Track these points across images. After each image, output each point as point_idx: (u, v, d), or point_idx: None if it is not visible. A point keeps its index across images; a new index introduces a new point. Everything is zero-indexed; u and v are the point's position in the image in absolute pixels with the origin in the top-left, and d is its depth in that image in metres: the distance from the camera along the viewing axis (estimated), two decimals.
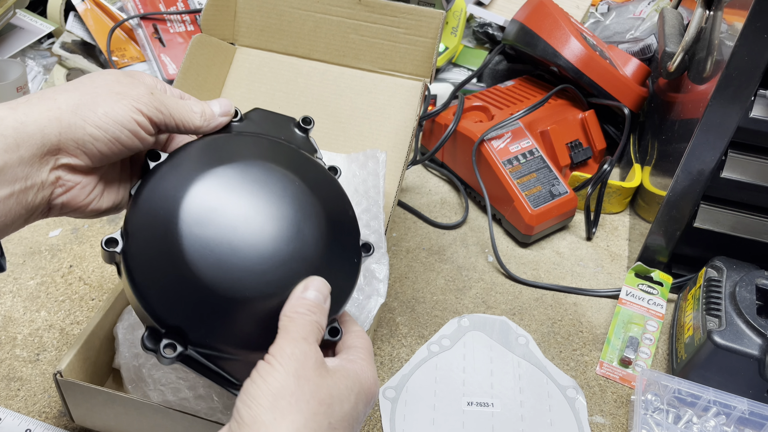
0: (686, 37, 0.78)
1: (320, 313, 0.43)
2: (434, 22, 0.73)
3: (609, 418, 0.69)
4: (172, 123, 0.47)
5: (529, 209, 0.87)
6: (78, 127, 0.43)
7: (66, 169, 0.44)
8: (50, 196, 0.45)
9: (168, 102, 0.47)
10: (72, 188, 0.46)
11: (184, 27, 1.10)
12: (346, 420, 0.40)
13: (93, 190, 0.47)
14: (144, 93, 0.45)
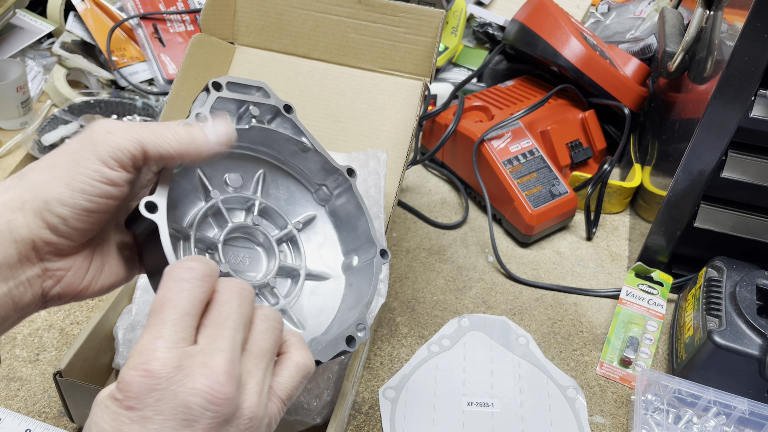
0: (686, 37, 0.78)
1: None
2: (434, 21, 0.73)
3: (609, 418, 0.69)
4: (150, 156, 0.40)
5: (529, 209, 0.86)
6: (42, 210, 0.38)
7: (49, 258, 0.40)
8: (41, 291, 0.40)
9: (136, 132, 0.39)
10: (63, 277, 0.41)
11: (184, 27, 1.10)
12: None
13: (89, 270, 0.43)
14: (102, 136, 0.38)
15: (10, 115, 1.00)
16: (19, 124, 1.01)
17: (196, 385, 0.32)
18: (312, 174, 0.55)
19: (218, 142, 0.42)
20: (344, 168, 0.54)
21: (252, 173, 0.54)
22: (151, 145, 0.39)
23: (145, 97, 1.02)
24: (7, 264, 0.38)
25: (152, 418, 0.31)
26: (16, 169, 0.93)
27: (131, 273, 0.46)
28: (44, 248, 0.39)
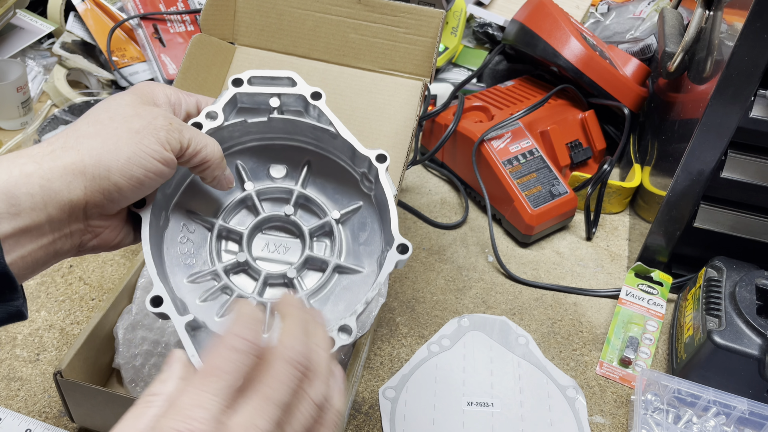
0: (686, 37, 0.78)
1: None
2: (434, 21, 0.73)
3: (609, 418, 0.69)
4: (189, 153, 0.46)
5: (529, 209, 0.87)
6: (102, 178, 0.42)
7: (94, 217, 0.45)
8: (80, 242, 0.45)
9: (187, 131, 0.46)
10: (101, 233, 0.46)
11: (184, 27, 1.10)
12: None
13: (123, 228, 0.48)
14: (163, 124, 0.44)
15: (10, 115, 1.00)
16: (20, 124, 1.01)
17: None
18: (351, 161, 0.54)
19: (228, 175, 0.50)
20: (374, 154, 0.52)
21: (298, 163, 0.55)
22: (195, 144, 0.46)
23: None
24: (58, 219, 0.42)
25: None
26: None
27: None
28: (93, 210, 0.44)
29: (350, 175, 0.54)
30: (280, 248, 0.54)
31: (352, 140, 0.51)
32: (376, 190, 0.52)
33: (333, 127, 0.51)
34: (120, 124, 0.43)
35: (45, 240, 0.42)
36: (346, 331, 0.44)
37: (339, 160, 0.54)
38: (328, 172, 0.55)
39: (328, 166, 0.55)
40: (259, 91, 0.51)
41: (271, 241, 0.54)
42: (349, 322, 0.44)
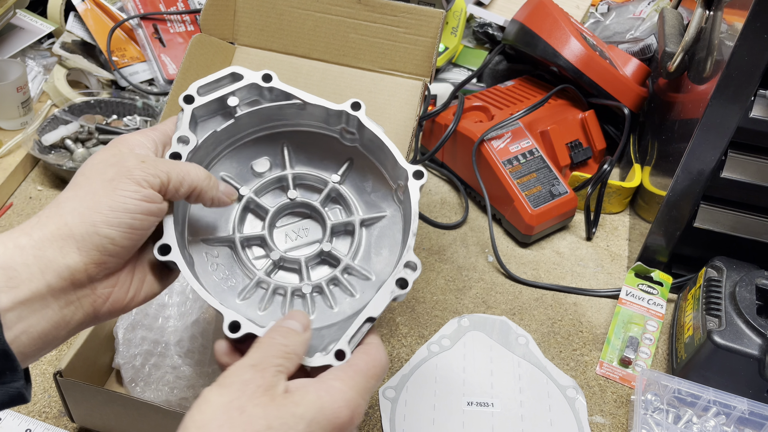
0: (686, 37, 0.78)
1: (293, 339, 0.42)
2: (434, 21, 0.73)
3: (609, 418, 0.69)
4: (173, 186, 0.45)
5: (529, 209, 0.87)
6: (91, 234, 0.41)
7: (99, 278, 0.43)
8: (92, 309, 0.43)
9: (163, 165, 0.44)
10: (111, 294, 0.44)
11: (184, 27, 1.10)
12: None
13: (132, 283, 0.46)
14: (135, 164, 0.43)
15: (10, 115, 1.00)
16: (20, 124, 1.01)
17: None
18: (327, 123, 0.54)
19: (225, 191, 0.49)
20: (348, 104, 0.51)
21: (276, 149, 0.55)
22: (176, 176, 0.45)
23: (146, 98, 1.02)
24: (60, 287, 0.40)
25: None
26: (17, 169, 0.93)
27: (165, 283, 0.49)
28: (95, 270, 0.42)
29: (330, 138, 0.55)
30: (301, 232, 0.54)
31: (321, 102, 0.52)
32: (363, 139, 0.53)
33: (298, 99, 0.52)
34: (94, 179, 0.43)
35: (50, 311, 0.40)
36: (339, 356, 0.44)
37: (314, 128, 0.54)
38: (307, 145, 0.55)
39: (307, 140, 0.55)
40: (212, 97, 0.50)
41: (290, 230, 0.55)
42: (342, 347, 0.44)
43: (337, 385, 0.40)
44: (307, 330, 0.43)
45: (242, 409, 0.36)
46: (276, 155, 0.55)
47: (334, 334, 0.46)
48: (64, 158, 0.93)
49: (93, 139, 0.95)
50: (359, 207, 0.54)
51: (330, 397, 0.39)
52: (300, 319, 0.44)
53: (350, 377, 0.41)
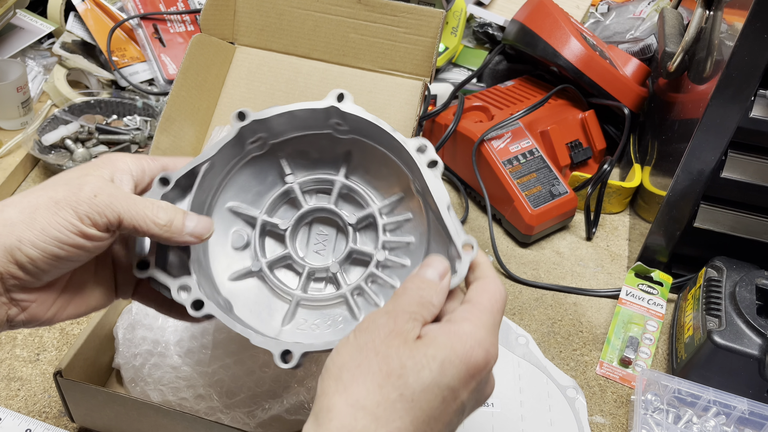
0: (686, 37, 0.78)
1: (429, 289, 0.41)
2: (434, 21, 0.73)
3: (609, 418, 0.69)
4: (125, 227, 0.42)
5: (529, 209, 0.87)
6: (13, 248, 0.39)
7: (15, 290, 0.41)
8: (6, 316, 0.42)
9: (118, 204, 0.42)
10: (29, 307, 0.42)
11: (184, 27, 1.10)
12: (430, 391, 0.37)
13: (54, 303, 0.44)
14: (87, 197, 0.41)
15: (10, 115, 1.00)
16: (20, 124, 1.01)
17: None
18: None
19: (192, 233, 0.45)
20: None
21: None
22: (128, 219, 0.42)
23: (146, 97, 1.02)
24: None
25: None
26: (17, 169, 0.93)
27: (107, 300, 0.48)
28: (9, 281, 0.41)
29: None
30: (323, 241, 0.53)
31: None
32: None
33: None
34: (44, 192, 0.41)
35: None
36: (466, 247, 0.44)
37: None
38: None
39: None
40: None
41: (314, 235, 0.54)
42: (469, 241, 0.44)
43: (466, 326, 0.40)
44: (445, 277, 0.43)
45: (377, 351, 0.38)
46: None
47: None
48: (64, 158, 0.93)
49: (93, 139, 0.95)
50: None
51: (459, 337, 0.39)
52: (437, 267, 0.43)
53: (477, 317, 0.41)
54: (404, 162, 0.50)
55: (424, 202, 0.50)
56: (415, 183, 0.51)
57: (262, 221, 0.52)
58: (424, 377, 0.37)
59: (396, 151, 0.50)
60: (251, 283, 0.52)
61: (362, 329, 0.39)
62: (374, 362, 0.37)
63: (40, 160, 0.94)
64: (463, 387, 0.38)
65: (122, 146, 0.95)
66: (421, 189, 0.49)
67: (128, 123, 1.00)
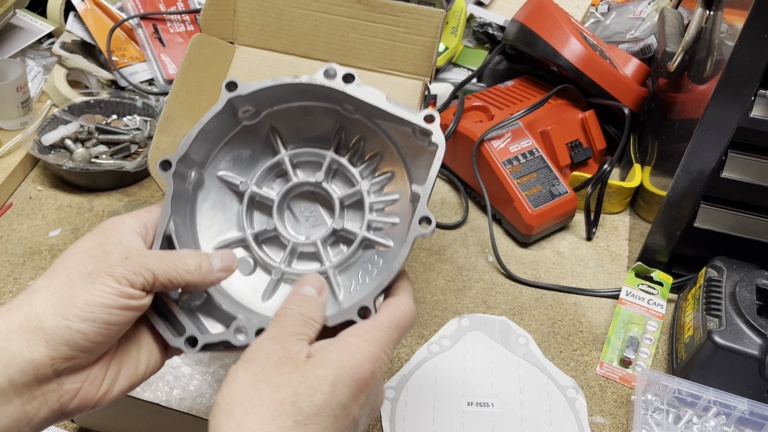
0: (686, 37, 0.78)
1: (309, 306, 0.43)
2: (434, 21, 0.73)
3: (609, 418, 0.69)
4: (159, 283, 0.43)
5: (529, 209, 0.86)
6: (62, 328, 0.39)
7: (66, 373, 0.40)
8: (58, 406, 0.40)
9: (149, 262, 0.42)
10: (79, 390, 0.41)
11: (184, 27, 1.10)
12: (323, 413, 0.38)
13: (105, 377, 0.43)
14: (118, 260, 0.41)
15: (10, 115, 1.00)
16: (19, 124, 1.01)
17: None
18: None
19: (222, 269, 0.46)
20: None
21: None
22: (162, 273, 0.42)
23: (145, 97, 1.02)
24: (22, 382, 0.38)
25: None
26: (17, 169, 0.93)
27: (158, 363, 0.47)
28: (62, 365, 0.40)
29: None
30: (311, 215, 0.53)
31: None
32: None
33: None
34: (72, 269, 0.41)
35: (11, 407, 0.38)
36: (363, 314, 0.44)
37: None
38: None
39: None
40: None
41: (300, 215, 0.53)
42: (367, 303, 0.44)
43: (356, 342, 0.40)
44: (323, 293, 0.44)
45: (268, 381, 0.38)
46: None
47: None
48: (63, 158, 0.93)
49: (93, 139, 0.95)
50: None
51: (350, 354, 0.40)
52: (313, 283, 0.44)
53: (369, 332, 0.41)
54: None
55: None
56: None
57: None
58: (316, 400, 0.37)
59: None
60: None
61: (249, 360, 0.39)
62: (266, 393, 0.37)
63: (40, 160, 0.94)
64: (354, 402, 0.39)
65: (122, 146, 0.95)
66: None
67: (128, 123, 1.00)
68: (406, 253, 0.45)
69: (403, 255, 0.45)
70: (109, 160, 0.93)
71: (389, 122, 0.51)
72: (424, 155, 0.50)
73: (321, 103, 0.52)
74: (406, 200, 0.51)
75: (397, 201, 0.52)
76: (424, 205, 0.46)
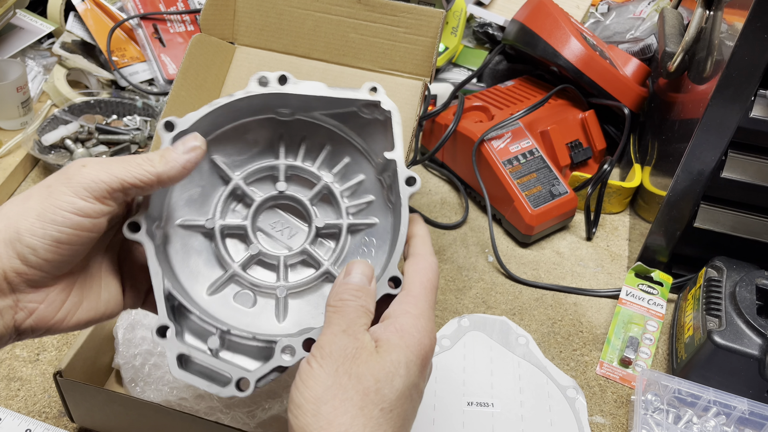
0: (686, 37, 0.78)
1: (365, 296, 0.42)
2: (434, 21, 0.73)
3: (609, 418, 0.69)
4: (124, 185, 0.41)
5: (529, 209, 0.86)
6: (14, 241, 0.38)
7: (22, 288, 0.40)
8: (13, 323, 0.40)
9: (110, 165, 0.40)
10: (35, 309, 0.41)
11: (184, 27, 1.10)
12: (403, 395, 0.39)
13: (64, 303, 0.42)
14: (76, 170, 0.40)
15: (10, 115, 1.00)
16: (19, 124, 1.01)
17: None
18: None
19: (186, 149, 0.44)
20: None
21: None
22: (127, 175, 0.40)
23: (146, 97, 1.02)
24: None
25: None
26: (17, 169, 0.93)
27: (116, 307, 0.46)
28: (15, 279, 0.39)
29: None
30: (285, 229, 0.52)
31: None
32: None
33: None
34: (36, 185, 0.40)
35: None
36: (395, 283, 0.45)
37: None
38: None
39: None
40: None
41: (275, 224, 0.52)
42: (395, 273, 0.45)
43: (409, 321, 0.41)
44: (373, 280, 0.44)
45: (349, 374, 0.38)
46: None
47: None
48: (64, 158, 0.93)
49: (93, 139, 0.95)
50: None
51: (409, 334, 0.40)
52: (366, 273, 0.44)
53: (414, 306, 0.42)
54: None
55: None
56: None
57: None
58: (397, 384, 0.39)
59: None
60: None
61: (325, 356, 0.39)
62: (349, 386, 0.37)
63: (40, 160, 0.94)
64: (422, 378, 0.41)
65: (122, 146, 0.95)
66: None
67: (128, 123, 1.00)
68: (406, 213, 0.46)
69: (405, 216, 0.46)
70: None
71: (333, 109, 0.51)
72: (376, 127, 0.50)
73: (256, 116, 0.51)
74: (372, 177, 0.52)
75: (363, 181, 0.52)
76: (404, 167, 0.47)
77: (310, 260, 0.51)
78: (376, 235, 0.51)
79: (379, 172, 0.51)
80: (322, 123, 0.52)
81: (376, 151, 0.51)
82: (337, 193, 0.52)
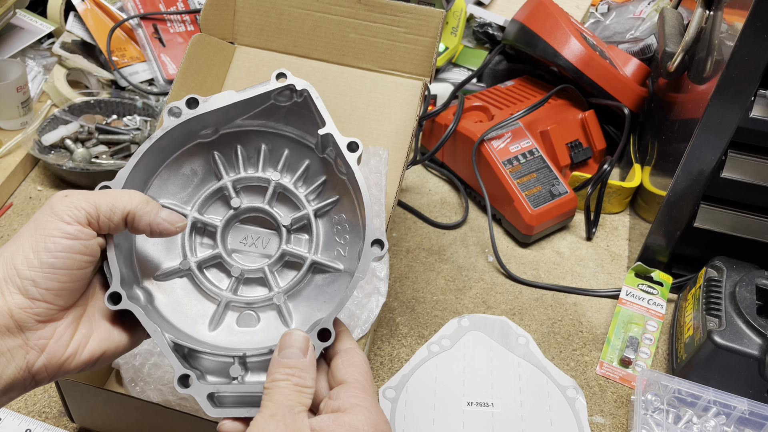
0: (686, 37, 0.78)
1: (299, 371, 0.41)
2: (434, 21, 0.73)
3: (609, 418, 0.69)
4: (103, 215, 0.42)
5: (529, 209, 0.86)
6: (13, 277, 0.39)
7: (30, 324, 0.40)
8: (25, 364, 0.40)
9: (90, 195, 0.42)
10: (45, 345, 0.41)
11: (184, 27, 1.10)
12: None
13: (73, 337, 0.42)
14: (58, 200, 0.42)
15: (10, 115, 1.00)
16: (20, 124, 1.01)
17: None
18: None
19: (167, 218, 0.45)
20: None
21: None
22: (104, 204, 0.42)
23: (145, 97, 1.02)
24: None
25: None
26: (17, 169, 0.93)
27: (132, 340, 0.46)
28: (22, 315, 0.40)
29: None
30: (256, 241, 0.52)
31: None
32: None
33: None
34: (25, 226, 0.42)
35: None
36: (322, 337, 0.44)
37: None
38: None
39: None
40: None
41: (245, 240, 0.52)
42: (327, 326, 0.44)
43: (361, 414, 0.40)
44: (307, 351, 0.42)
45: None
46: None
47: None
48: (64, 158, 0.93)
49: (93, 139, 0.95)
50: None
51: (358, 424, 0.39)
52: (296, 344, 0.42)
53: (363, 398, 0.41)
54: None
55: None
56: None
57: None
58: None
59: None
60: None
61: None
62: None
63: (40, 160, 0.94)
64: None
65: (122, 146, 0.95)
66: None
67: (128, 123, 1.00)
68: (360, 176, 0.46)
69: (360, 179, 0.46)
70: (110, 160, 0.93)
71: (251, 111, 0.51)
72: (300, 110, 0.51)
73: (182, 148, 0.51)
74: (316, 159, 0.52)
75: (309, 165, 0.52)
76: (341, 136, 0.47)
77: (293, 259, 0.51)
78: (344, 210, 0.51)
79: (321, 150, 0.52)
80: (248, 127, 0.52)
81: (311, 132, 0.51)
82: (291, 187, 0.52)
